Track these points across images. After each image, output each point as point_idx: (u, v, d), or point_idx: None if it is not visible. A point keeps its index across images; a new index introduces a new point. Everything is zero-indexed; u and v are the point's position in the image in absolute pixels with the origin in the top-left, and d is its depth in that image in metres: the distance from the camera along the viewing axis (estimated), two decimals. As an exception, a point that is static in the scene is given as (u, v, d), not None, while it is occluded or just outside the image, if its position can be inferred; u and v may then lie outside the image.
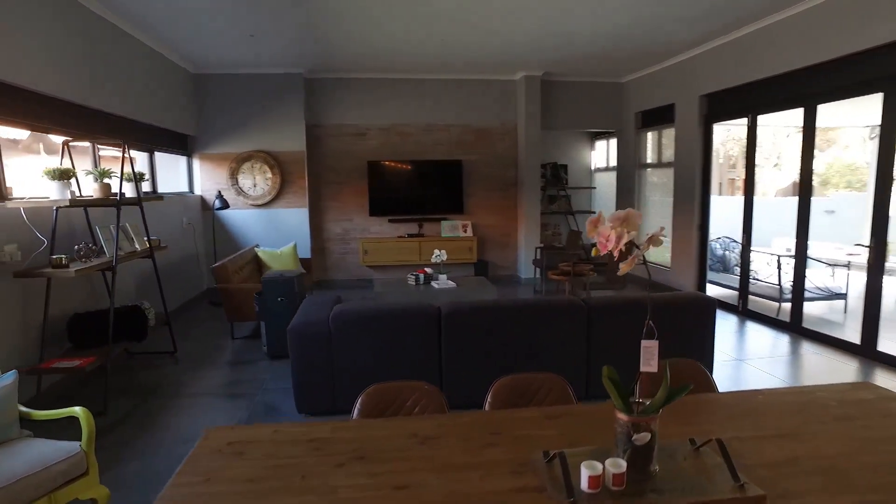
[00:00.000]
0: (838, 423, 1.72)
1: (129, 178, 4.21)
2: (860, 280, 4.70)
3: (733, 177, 11.27)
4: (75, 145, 4.61)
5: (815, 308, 6.03)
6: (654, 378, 1.41)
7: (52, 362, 3.47)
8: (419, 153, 7.91)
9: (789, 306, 5.37)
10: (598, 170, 9.42)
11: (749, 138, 5.81)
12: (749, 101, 5.74)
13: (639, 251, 1.28)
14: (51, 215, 3.73)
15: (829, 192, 10.52)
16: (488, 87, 7.93)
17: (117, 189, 4.05)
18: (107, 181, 3.96)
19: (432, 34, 5.74)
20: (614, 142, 8.65)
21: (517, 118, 8.01)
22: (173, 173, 6.95)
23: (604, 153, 9.31)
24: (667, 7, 4.93)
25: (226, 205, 7.00)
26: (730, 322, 5.78)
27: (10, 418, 2.25)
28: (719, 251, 7.35)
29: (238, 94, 7.19)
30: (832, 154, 10.59)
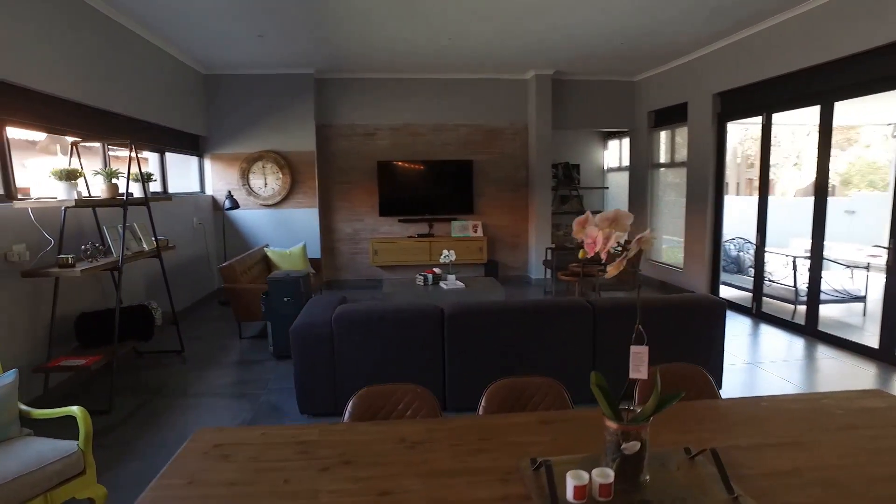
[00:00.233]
0: (843, 433, 1.64)
1: (136, 179, 4.24)
2: (880, 282, 4.56)
3: (751, 176, 11.06)
4: (88, 146, 4.68)
5: (832, 311, 5.87)
6: (653, 384, 1.35)
7: (58, 361, 3.51)
8: (429, 153, 7.88)
9: (805, 309, 5.24)
10: (611, 169, 9.30)
11: (763, 137, 5.67)
12: (763, 98, 5.61)
13: (627, 253, 1.23)
14: (59, 215, 3.78)
15: (851, 191, 10.27)
16: (498, 87, 7.87)
17: (125, 189, 4.09)
18: (114, 181, 3.99)
19: (442, 34, 5.71)
20: (627, 141, 8.53)
21: (528, 117, 7.94)
22: (185, 173, 7.02)
23: (616, 153, 9.19)
24: (678, 5, 4.84)
25: (236, 205, 7.05)
26: (743, 325, 5.65)
27: (10, 417, 2.27)
28: (733, 252, 7.20)
29: (248, 95, 7.23)
30: (854, 153, 10.33)
